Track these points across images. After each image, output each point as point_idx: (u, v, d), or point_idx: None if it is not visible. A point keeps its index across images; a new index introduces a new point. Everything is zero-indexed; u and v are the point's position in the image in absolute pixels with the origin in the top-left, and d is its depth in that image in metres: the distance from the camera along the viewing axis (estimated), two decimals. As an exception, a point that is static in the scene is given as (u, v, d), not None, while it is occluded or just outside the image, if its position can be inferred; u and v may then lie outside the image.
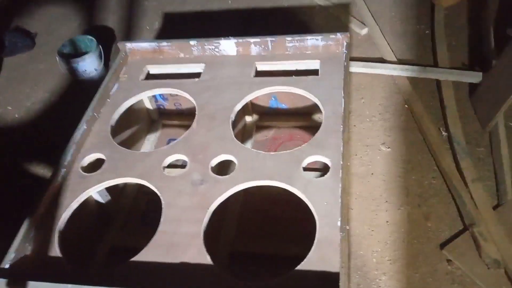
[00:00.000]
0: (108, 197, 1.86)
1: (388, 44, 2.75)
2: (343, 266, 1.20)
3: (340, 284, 1.16)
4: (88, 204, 1.78)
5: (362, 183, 2.04)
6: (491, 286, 1.64)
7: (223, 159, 1.57)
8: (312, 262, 1.25)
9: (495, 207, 1.88)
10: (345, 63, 1.82)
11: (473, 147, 2.12)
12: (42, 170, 2.35)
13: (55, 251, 1.38)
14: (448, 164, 2.03)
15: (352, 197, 1.98)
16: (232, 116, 1.71)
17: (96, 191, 1.62)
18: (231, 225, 1.84)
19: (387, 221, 1.89)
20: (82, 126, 1.70)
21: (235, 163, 1.54)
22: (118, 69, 1.97)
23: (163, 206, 1.44)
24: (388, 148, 2.18)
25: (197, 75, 1.91)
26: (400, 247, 1.80)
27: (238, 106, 1.75)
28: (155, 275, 1.28)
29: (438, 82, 2.45)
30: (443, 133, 2.19)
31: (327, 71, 1.82)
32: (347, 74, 1.78)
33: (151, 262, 1.31)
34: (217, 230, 1.81)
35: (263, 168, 1.50)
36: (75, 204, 1.51)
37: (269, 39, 1.92)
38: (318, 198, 1.39)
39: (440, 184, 2.00)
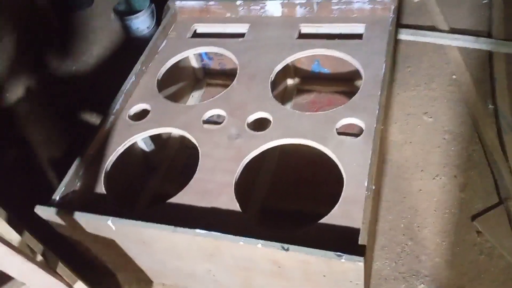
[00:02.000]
0: (153, 147, 1.97)
1: (442, 12, 2.65)
2: (364, 222, 1.24)
3: (359, 238, 1.21)
4: (133, 151, 1.90)
5: (398, 150, 2.04)
6: (520, 260, 1.63)
7: (260, 116, 1.63)
8: (335, 217, 1.31)
9: (534, 184, 1.83)
10: (391, 28, 1.79)
11: (520, 122, 2.05)
12: (94, 119, 2.51)
13: (101, 188, 1.51)
14: (491, 138, 1.98)
15: (387, 164, 1.99)
16: (272, 76, 1.75)
17: (141, 139, 1.74)
18: (264, 183, 1.90)
19: (420, 190, 1.89)
20: (131, 78, 1.80)
21: (270, 121, 1.59)
22: (167, 27, 2.05)
23: (200, 156, 1.53)
24: (430, 118, 2.15)
25: (242, 35, 1.96)
26: (430, 215, 1.80)
27: (279, 67, 1.79)
28: (189, 216, 1.38)
29: (490, 54, 2.35)
30: (490, 106, 2.13)
31: (371, 36, 1.81)
32: (392, 40, 1.75)
33: (186, 205, 1.41)
34: (251, 186, 1.88)
35: (298, 126, 1.55)
36: (121, 149, 1.63)
37: (314, 1, 1.92)
38: (348, 158, 1.43)
39: (480, 157, 1.96)
